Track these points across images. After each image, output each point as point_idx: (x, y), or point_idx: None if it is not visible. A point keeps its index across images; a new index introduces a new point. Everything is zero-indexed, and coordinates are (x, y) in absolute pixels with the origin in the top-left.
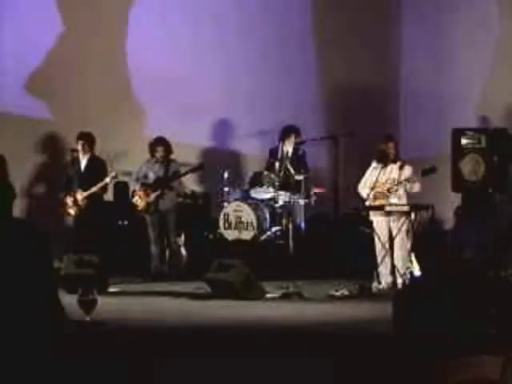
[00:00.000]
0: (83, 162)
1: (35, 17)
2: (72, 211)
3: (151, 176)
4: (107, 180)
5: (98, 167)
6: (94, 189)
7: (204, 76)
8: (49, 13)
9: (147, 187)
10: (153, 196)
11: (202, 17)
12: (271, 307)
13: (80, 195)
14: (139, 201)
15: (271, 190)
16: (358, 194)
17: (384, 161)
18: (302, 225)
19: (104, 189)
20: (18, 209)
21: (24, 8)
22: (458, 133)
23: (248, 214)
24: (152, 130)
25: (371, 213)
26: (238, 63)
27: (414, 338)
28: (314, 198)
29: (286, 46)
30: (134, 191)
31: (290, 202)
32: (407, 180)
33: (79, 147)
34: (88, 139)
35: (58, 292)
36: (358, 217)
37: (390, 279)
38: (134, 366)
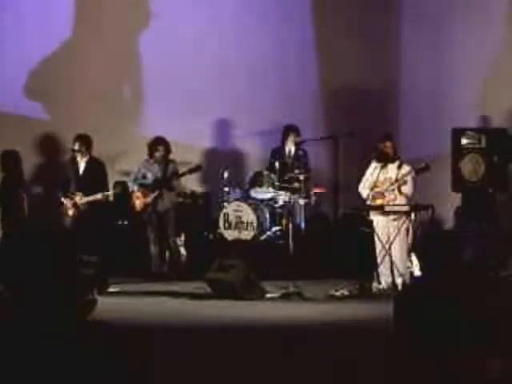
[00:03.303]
0: (82, 165)
1: (36, 18)
2: (70, 212)
3: (149, 176)
4: (109, 193)
5: (97, 170)
6: (98, 196)
7: (204, 76)
8: (49, 15)
9: (145, 188)
10: (151, 197)
11: (202, 17)
12: (271, 307)
13: (80, 199)
14: (137, 202)
15: (271, 190)
16: (358, 194)
17: (383, 160)
18: (302, 225)
19: (111, 198)
20: None
21: (25, 9)
22: (458, 133)
23: (248, 214)
24: (152, 130)
25: (371, 212)
26: (237, 63)
27: (414, 338)
28: (314, 198)
29: (286, 45)
30: (133, 192)
31: (289, 201)
32: (397, 180)
33: (76, 148)
34: (85, 141)
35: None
36: (358, 217)
37: (390, 279)
38: (134, 366)
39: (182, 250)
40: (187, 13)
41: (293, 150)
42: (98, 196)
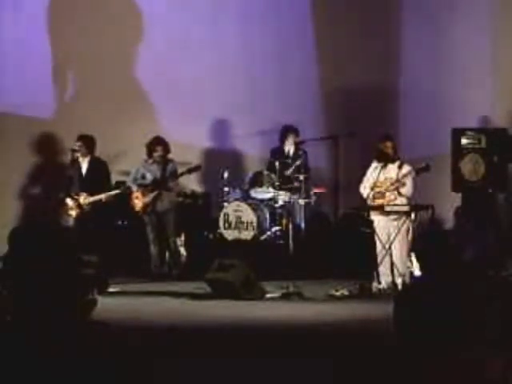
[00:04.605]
0: (84, 165)
1: (36, 17)
2: (73, 213)
3: (148, 177)
4: (117, 192)
5: (100, 169)
6: (102, 196)
7: (204, 76)
8: (50, 14)
9: (145, 188)
10: (150, 197)
11: (202, 16)
12: (271, 307)
13: (84, 199)
14: (136, 202)
15: (271, 190)
16: (358, 194)
17: (383, 160)
18: (302, 225)
19: (114, 198)
20: (18, 209)
21: (25, 8)
22: (458, 133)
23: (248, 214)
24: (152, 130)
25: (371, 212)
26: (237, 63)
27: (414, 338)
28: (314, 198)
29: (286, 45)
30: (132, 192)
31: (290, 201)
32: (397, 181)
33: (77, 148)
34: (87, 141)
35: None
36: (357, 217)
37: (390, 279)
38: (134, 366)
39: (182, 250)
40: (187, 13)
41: (292, 150)
42: (102, 196)
